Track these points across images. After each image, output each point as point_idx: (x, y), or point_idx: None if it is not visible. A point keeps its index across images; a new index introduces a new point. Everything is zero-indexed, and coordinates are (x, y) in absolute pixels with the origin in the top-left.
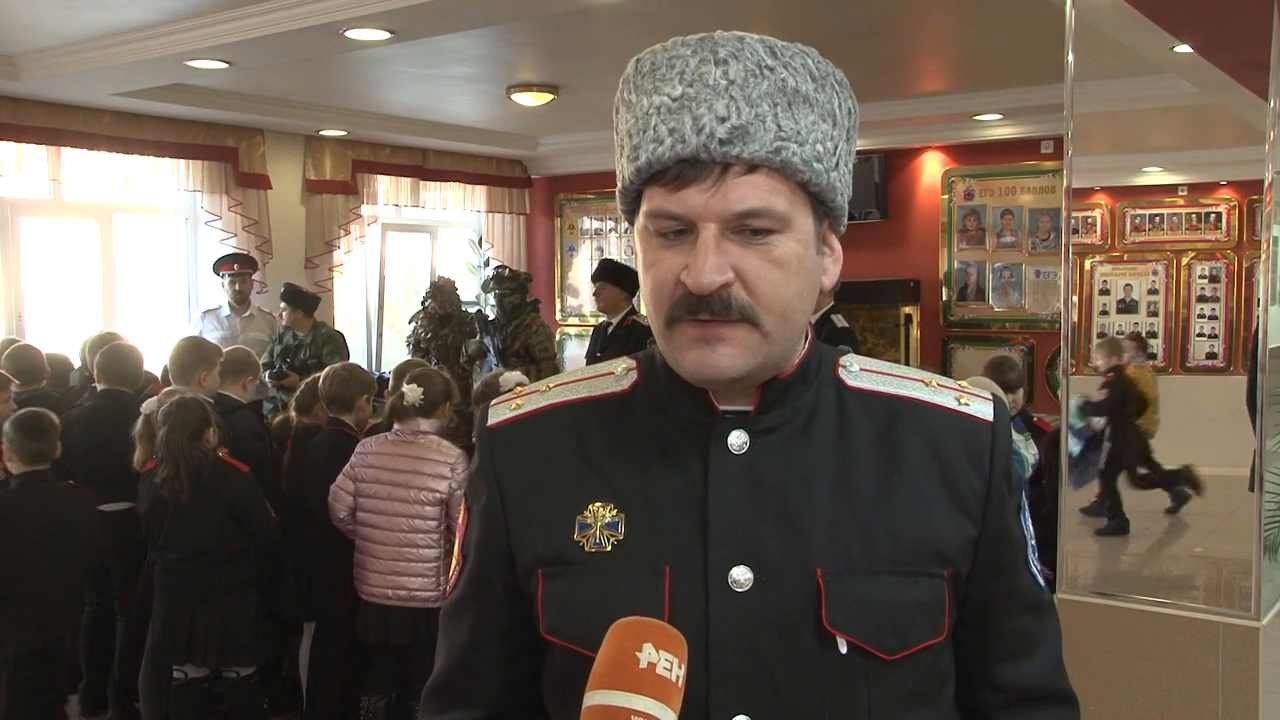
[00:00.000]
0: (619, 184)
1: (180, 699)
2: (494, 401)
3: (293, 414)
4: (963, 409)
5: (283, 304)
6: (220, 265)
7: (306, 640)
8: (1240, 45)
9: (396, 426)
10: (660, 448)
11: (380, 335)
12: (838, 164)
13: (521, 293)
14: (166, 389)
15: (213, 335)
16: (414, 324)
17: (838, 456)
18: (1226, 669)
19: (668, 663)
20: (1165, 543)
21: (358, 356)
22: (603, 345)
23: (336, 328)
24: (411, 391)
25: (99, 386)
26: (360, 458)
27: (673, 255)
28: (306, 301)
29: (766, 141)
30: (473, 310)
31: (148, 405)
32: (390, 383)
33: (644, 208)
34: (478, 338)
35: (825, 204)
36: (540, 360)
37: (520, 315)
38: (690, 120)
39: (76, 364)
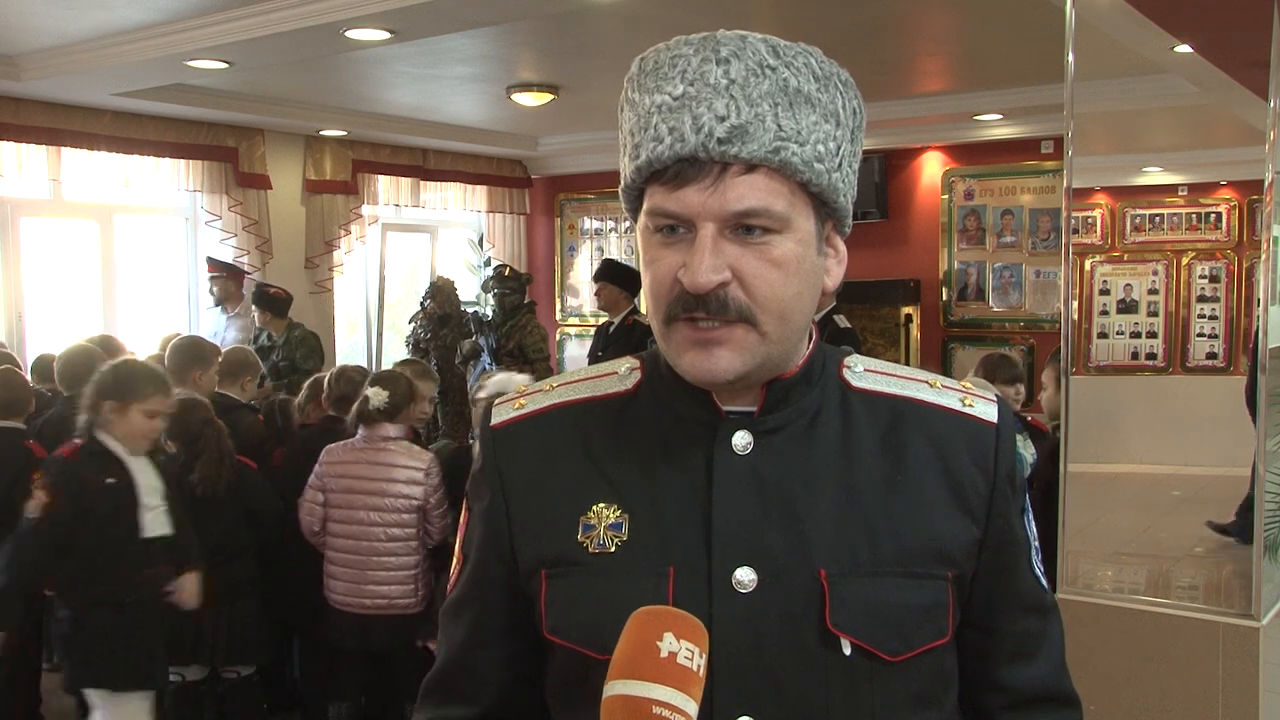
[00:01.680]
0: (621, 182)
1: (179, 702)
2: (497, 401)
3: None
4: (967, 410)
5: (254, 306)
6: (208, 265)
7: None
8: (1240, 45)
9: (362, 432)
10: (664, 448)
11: (380, 335)
12: (840, 164)
13: (521, 293)
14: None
15: (206, 332)
16: (414, 324)
17: (842, 457)
18: (1226, 669)
19: (689, 652)
20: (1165, 543)
21: (358, 356)
22: (605, 345)
23: (312, 329)
24: (376, 395)
25: (63, 393)
26: (328, 467)
27: (671, 254)
28: (275, 304)
29: (766, 141)
30: (470, 310)
31: None
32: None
33: (645, 206)
34: (473, 338)
35: (827, 205)
36: (534, 361)
37: (516, 316)
38: (690, 119)
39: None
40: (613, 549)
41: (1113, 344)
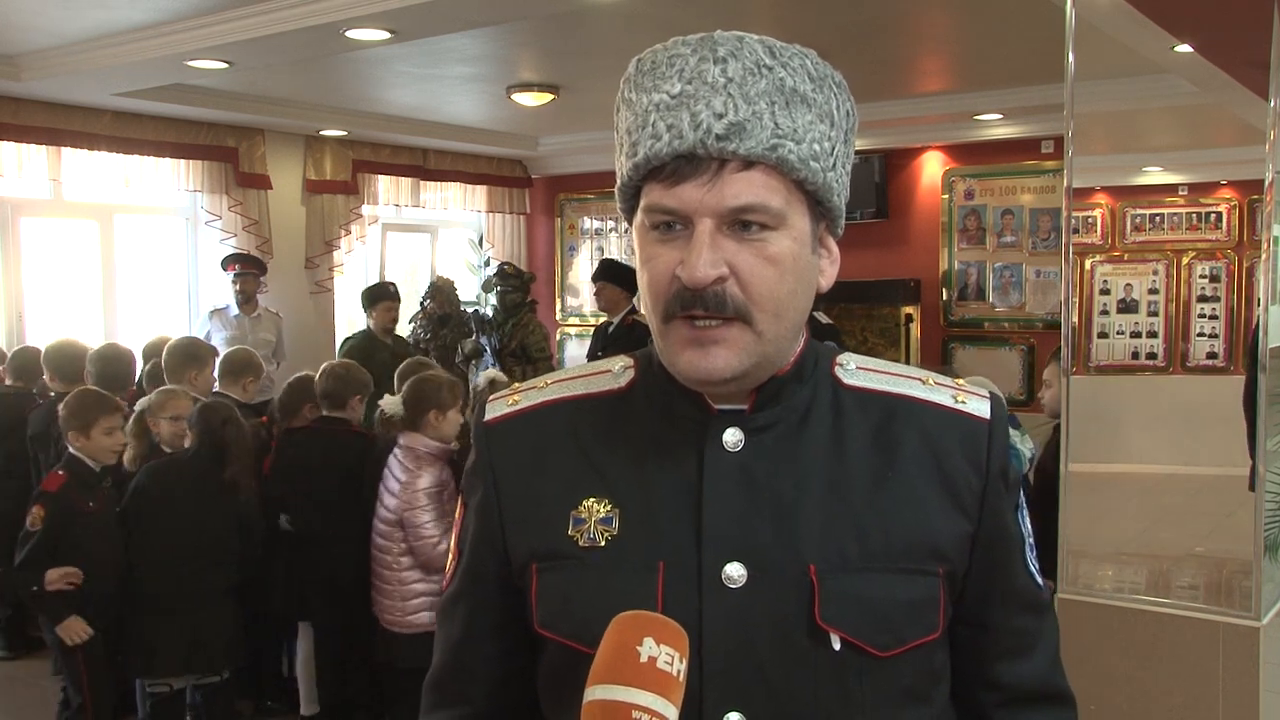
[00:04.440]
0: (618, 181)
1: (160, 713)
2: (491, 398)
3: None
4: (960, 407)
5: (379, 304)
6: (226, 263)
7: (304, 642)
8: (1240, 45)
9: (399, 439)
10: (656, 445)
11: None
12: (835, 164)
13: (523, 291)
14: (163, 388)
15: (219, 335)
16: (414, 324)
17: (832, 454)
18: (1226, 669)
19: (669, 657)
20: (1165, 543)
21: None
22: (604, 345)
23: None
24: (391, 404)
25: (90, 389)
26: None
27: (668, 251)
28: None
29: (763, 138)
30: (470, 310)
31: (142, 403)
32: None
33: (641, 203)
34: (474, 337)
35: (822, 204)
36: (537, 360)
37: (518, 314)
38: (688, 116)
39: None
40: (603, 543)
41: (1113, 344)
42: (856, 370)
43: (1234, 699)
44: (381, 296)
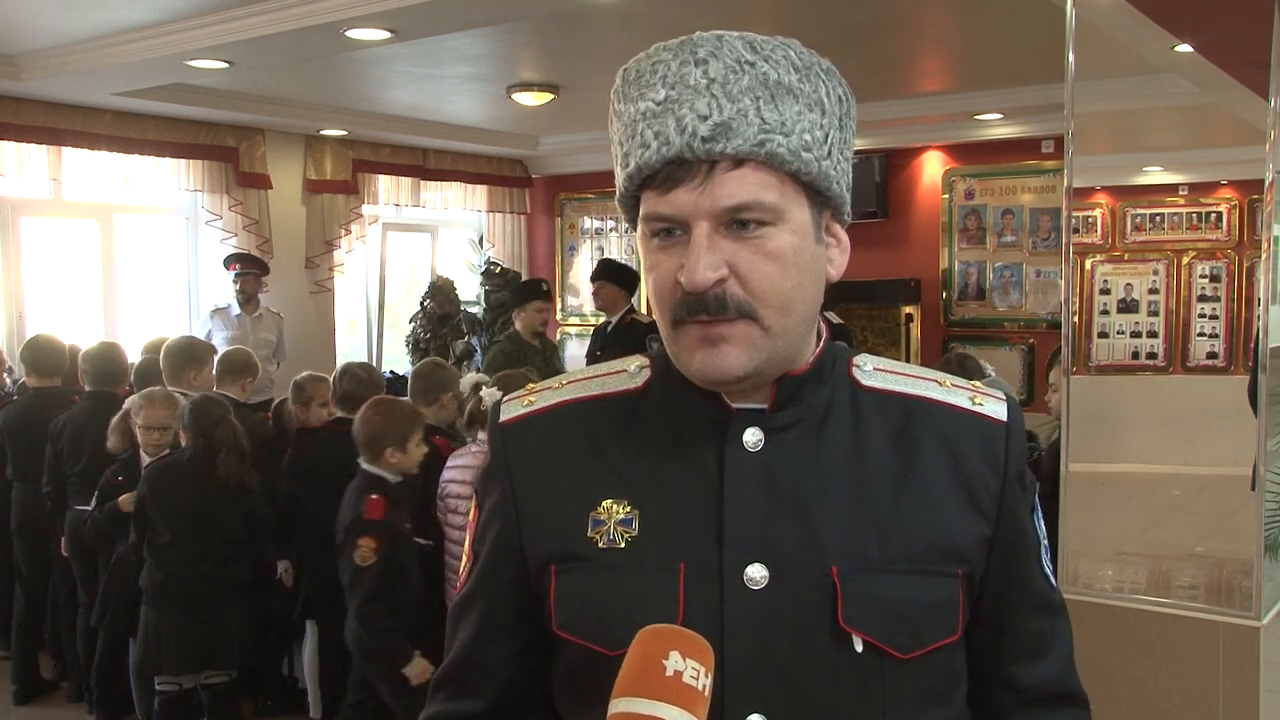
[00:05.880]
0: (617, 193)
1: (168, 712)
2: (506, 398)
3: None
4: (977, 409)
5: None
6: (228, 263)
7: (312, 642)
8: (1241, 45)
9: (481, 436)
10: (674, 445)
11: (380, 335)
12: (830, 152)
13: (508, 290)
14: (145, 391)
15: (220, 334)
16: (414, 324)
17: (852, 455)
18: (1226, 669)
19: (694, 671)
20: (1165, 543)
21: (358, 356)
22: (603, 345)
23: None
24: (492, 396)
25: (85, 387)
26: (447, 472)
27: (669, 257)
28: None
29: (750, 135)
30: (462, 310)
31: (131, 401)
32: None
33: (640, 213)
34: (465, 338)
35: (821, 193)
36: None
37: (503, 314)
38: (673, 121)
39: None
40: (623, 545)
41: (1113, 343)
42: (874, 371)
43: (1234, 699)
44: (533, 295)
